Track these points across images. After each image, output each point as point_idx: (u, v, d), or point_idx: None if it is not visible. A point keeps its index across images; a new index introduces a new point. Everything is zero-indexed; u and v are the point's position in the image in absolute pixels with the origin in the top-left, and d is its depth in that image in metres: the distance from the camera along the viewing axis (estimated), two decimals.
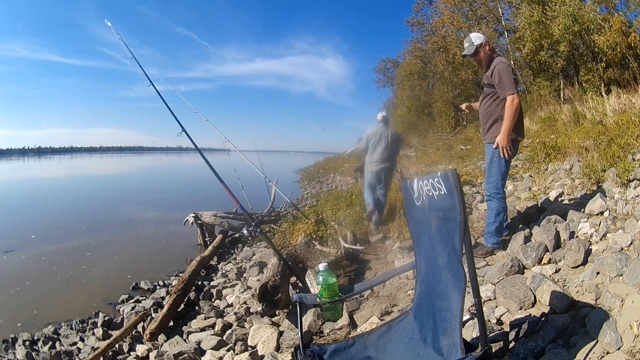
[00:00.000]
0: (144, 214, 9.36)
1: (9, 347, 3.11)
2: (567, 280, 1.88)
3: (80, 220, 8.69)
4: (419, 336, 1.30)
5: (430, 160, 9.09)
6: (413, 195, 1.32)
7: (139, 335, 2.95)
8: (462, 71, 17.38)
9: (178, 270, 4.87)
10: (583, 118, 6.08)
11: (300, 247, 3.50)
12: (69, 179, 23.64)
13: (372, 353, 1.39)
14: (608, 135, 3.87)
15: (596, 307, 1.54)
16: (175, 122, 3.51)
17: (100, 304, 3.91)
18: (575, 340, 1.42)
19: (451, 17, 17.09)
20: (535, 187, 3.66)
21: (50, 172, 31.53)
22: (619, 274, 1.65)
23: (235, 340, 2.37)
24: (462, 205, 1.01)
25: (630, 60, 10.41)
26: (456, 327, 1.05)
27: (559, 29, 11.45)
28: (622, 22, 10.61)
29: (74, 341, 3.14)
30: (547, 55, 12.82)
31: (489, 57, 2.54)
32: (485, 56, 2.54)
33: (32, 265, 5.25)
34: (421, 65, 19.73)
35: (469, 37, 2.60)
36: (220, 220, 5.76)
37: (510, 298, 1.78)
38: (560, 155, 4.31)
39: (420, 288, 1.38)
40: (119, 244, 6.49)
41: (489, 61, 2.52)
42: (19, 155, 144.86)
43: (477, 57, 2.57)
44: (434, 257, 1.21)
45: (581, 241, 2.10)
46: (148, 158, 72.44)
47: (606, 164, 3.09)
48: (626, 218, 2.20)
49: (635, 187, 2.54)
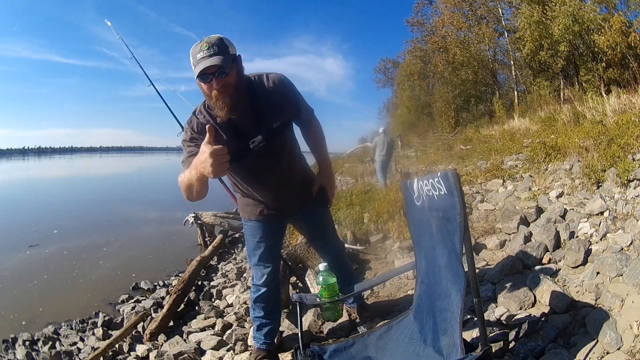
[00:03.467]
0: (144, 214, 9.37)
1: (9, 347, 3.11)
2: (567, 280, 1.88)
3: (80, 220, 8.69)
4: (419, 336, 1.30)
5: (430, 160, 9.08)
6: (413, 195, 1.32)
7: (139, 335, 2.95)
8: (462, 71, 17.39)
9: (178, 270, 4.87)
10: (583, 118, 6.08)
11: (300, 247, 3.50)
12: (73, 179, 23.68)
13: (372, 353, 1.39)
14: (608, 135, 3.87)
15: (596, 307, 1.54)
16: (175, 122, 3.50)
17: (100, 304, 3.91)
18: (575, 340, 1.42)
19: (451, 17, 17.10)
20: (535, 187, 3.66)
21: (53, 172, 31.57)
22: (619, 274, 1.65)
23: (235, 340, 2.36)
24: (462, 205, 1.01)
25: (630, 60, 10.42)
26: (456, 327, 1.05)
27: (559, 29, 11.45)
28: (622, 22, 10.62)
29: (74, 341, 3.14)
30: (547, 55, 12.82)
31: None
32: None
33: (33, 265, 5.25)
34: (421, 65, 19.74)
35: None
36: (220, 220, 5.76)
37: (510, 298, 1.78)
38: (560, 155, 4.31)
39: (420, 288, 1.38)
40: (119, 244, 6.48)
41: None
42: (19, 155, 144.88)
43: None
44: (434, 257, 1.21)
45: (581, 241, 2.10)
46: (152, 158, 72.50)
47: (606, 164, 3.09)
48: (626, 218, 2.20)
49: (635, 187, 2.54)
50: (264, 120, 1.50)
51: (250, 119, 1.48)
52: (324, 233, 1.95)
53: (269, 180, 1.63)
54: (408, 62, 21.15)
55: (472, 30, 16.59)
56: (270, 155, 1.56)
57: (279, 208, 1.74)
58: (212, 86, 1.34)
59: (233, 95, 1.37)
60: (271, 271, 1.81)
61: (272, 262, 1.83)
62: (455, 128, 16.24)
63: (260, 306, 1.88)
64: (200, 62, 1.30)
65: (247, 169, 1.59)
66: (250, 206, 1.74)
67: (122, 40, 3.42)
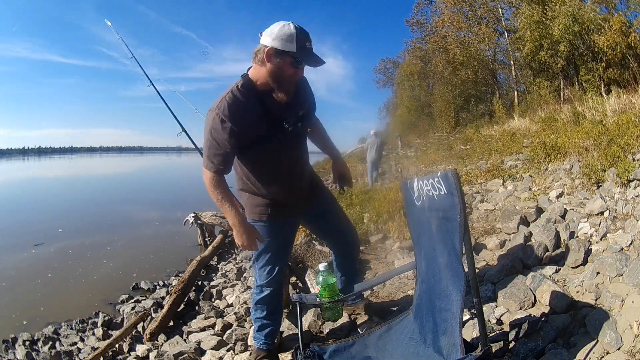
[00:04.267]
0: (144, 214, 9.38)
1: (9, 347, 3.11)
2: (567, 280, 1.88)
3: (84, 219, 8.70)
4: (419, 336, 1.30)
5: (430, 160, 9.08)
6: (413, 195, 1.32)
7: (139, 335, 2.95)
8: (462, 71, 17.40)
9: (178, 270, 4.87)
10: (583, 118, 6.08)
11: (300, 247, 3.50)
12: (74, 179, 23.70)
13: (372, 353, 1.40)
14: (608, 135, 3.87)
15: (596, 307, 1.54)
16: (175, 122, 3.50)
17: (100, 304, 3.91)
18: (575, 340, 1.42)
19: (451, 17, 17.10)
20: (535, 187, 3.65)
21: (54, 172, 31.59)
22: (619, 274, 1.65)
23: (235, 340, 2.36)
24: (462, 205, 1.01)
25: (630, 60, 10.43)
26: (456, 327, 1.05)
27: (559, 29, 11.45)
28: (622, 22, 10.62)
29: (74, 341, 3.14)
30: (547, 55, 12.82)
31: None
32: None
33: (38, 263, 5.25)
34: (421, 65, 19.74)
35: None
36: (220, 220, 5.76)
37: (510, 298, 1.78)
38: (560, 155, 4.30)
39: (421, 288, 1.38)
40: (122, 243, 6.50)
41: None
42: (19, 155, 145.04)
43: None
44: (434, 257, 1.21)
45: (581, 241, 2.10)
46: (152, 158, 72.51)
47: (606, 164, 3.09)
48: (626, 218, 2.20)
49: (635, 187, 2.54)
50: (293, 107, 1.61)
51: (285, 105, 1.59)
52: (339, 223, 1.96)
53: (285, 169, 1.67)
54: (408, 62, 21.15)
55: (472, 30, 16.60)
56: (292, 141, 1.66)
57: (289, 204, 1.73)
58: (297, 72, 1.50)
59: (295, 84, 1.56)
60: (277, 273, 1.80)
61: (279, 264, 1.81)
62: (455, 128, 16.24)
63: (263, 307, 1.87)
64: (310, 53, 1.47)
65: (272, 153, 1.63)
66: (260, 206, 1.72)
67: (122, 40, 3.42)
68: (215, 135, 1.50)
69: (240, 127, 1.49)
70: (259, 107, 1.53)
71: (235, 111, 1.49)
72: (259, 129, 1.53)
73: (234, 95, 1.51)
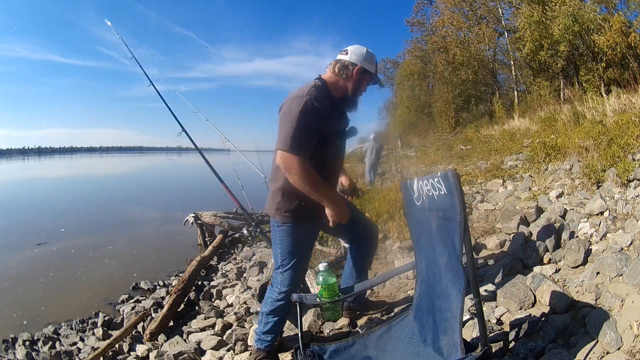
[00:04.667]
0: (144, 214, 9.38)
1: (9, 347, 3.11)
2: (567, 280, 1.88)
3: (85, 219, 8.70)
4: (419, 336, 1.30)
5: (430, 160, 9.08)
6: (413, 195, 1.32)
7: (139, 335, 2.95)
8: (462, 71, 17.40)
9: (178, 270, 4.87)
10: (583, 118, 6.08)
11: None
12: (75, 179, 23.69)
13: (372, 353, 1.40)
14: (608, 135, 3.87)
15: (596, 307, 1.54)
16: (175, 122, 3.51)
17: (100, 304, 3.91)
18: (575, 340, 1.41)
19: (451, 17, 17.10)
20: (535, 187, 3.65)
21: (54, 172, 31.59)
22: (619, 274, 1.65)
23: (235, 340, 2.36)
24: (462, 205, 1.01)
25: (630, 60, 10.43)
26: (456, 327, 1.05)
27: (559, 29, 11.45)
28: (622, 22, 10.62)
29: (74, 341, 3.14)
30: (547, 55, 12.82)
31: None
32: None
33: (40, 263, 5.25)
34: (421, 65, 19.75)
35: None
36: (220, 220, 5.76)
37: (510, 298, 1.78)
38: (560, 155, 4.30)
39: (421, 288, 1.38)
40: (123, 243, 6.50)
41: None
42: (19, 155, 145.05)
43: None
44: (434, 257, 1.21)
45: (581, 241, 2.10)
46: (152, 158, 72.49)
47: (606, 164, 3.09)
48: (626, 218, 2.20)
49: (635, 187, 2.54)
50: (346, 119, 1.84)
51: (344, 115, 1.82)
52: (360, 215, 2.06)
53: (333, 170, 1.84)
54: (408, 62, 21.16)
55: (472, 30, 16.60)
56: (343, 147, 1.89)
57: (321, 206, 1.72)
58: (365, 88, 1.78)
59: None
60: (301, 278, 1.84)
61: (304, 269, 1.88)
62: (455, 128, 16.24)
63: (278, 314, 1.86)
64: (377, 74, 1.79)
65: (333, 150, 1.76)
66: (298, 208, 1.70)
67: (122, 40, 3.42)
68: (308, 117, 1.55)
69: (325, 117, 1.61)
70: (331, 110, 1.67)
71: (322, 99, 1.61)
72: (330, 128, 1.68)
73: (319, 89, 1.64)
